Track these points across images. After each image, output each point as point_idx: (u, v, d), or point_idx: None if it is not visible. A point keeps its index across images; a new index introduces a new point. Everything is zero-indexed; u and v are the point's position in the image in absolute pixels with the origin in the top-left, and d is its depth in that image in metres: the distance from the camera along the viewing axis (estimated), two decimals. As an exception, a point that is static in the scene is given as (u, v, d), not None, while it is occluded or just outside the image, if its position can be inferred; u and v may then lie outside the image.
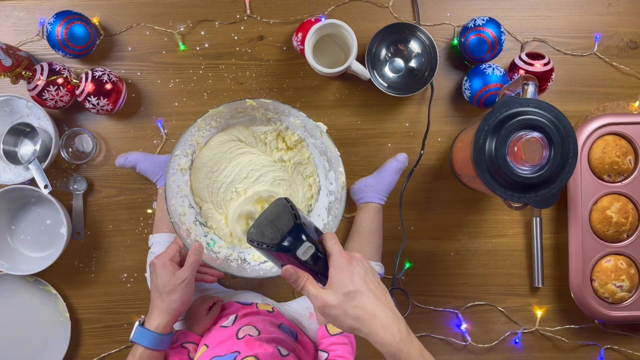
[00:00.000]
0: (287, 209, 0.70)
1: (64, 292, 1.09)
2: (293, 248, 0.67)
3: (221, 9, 1.09)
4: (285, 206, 0.71)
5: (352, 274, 0.66)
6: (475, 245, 1.10)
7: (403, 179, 1.08)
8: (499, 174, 0.82)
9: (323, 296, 0.65)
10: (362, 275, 0.67)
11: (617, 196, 1.05)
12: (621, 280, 1.04)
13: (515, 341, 1.10)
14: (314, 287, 0.67)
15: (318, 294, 0.66)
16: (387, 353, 0.65)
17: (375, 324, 0.65)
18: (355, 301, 0.65)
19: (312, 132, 0.99)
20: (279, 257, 0.69)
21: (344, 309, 0.65)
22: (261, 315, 0.95)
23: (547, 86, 1.03)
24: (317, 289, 0.66)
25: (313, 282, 0.67)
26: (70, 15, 1.02)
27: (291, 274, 0.67)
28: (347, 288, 0.65)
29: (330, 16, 1.08)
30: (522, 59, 1.02)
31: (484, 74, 1.01)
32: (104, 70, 1.02)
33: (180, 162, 0.98)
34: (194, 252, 0.91)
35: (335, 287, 0.66)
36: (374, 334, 0.65)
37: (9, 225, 1.08)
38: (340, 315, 0.65)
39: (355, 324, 0.65)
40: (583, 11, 1.09)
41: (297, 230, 0.68)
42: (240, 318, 0.93)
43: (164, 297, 0.88)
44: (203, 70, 1.09)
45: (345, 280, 0.66)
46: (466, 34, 1.03)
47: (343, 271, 0.66)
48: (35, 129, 1.04)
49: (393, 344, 0.65)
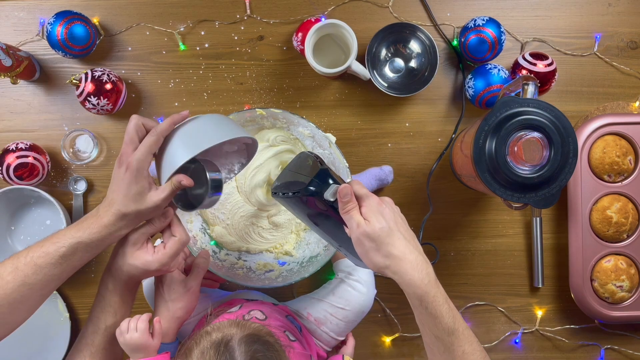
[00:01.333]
0: (311, 158, 0.71)
1: (64, 292, 1.09)
2: (320, 191, 0.68)
3: (221, 9, 1.09)
4: (308, 156, 0.72)
5: (383, 214, 0.68)
6: (475, 245, 1.10)
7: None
8: (499, 174, 0.82)
9: (364, 225, 0.67)
10: (392, 217, 0.69)
11: (617, 196, 1.05)
12: (621, 280, 1.04)
13: (516, 341, 1.10)
14: (359, 215, 0.68)
15: (360, 221, 0.67)
16: (414, 295, 0.66)
17: (405, 263, 0.66)
18: (388, 238, 0.67)
19: (320, 143, 0.98)
20: (306, 203, 0.69)
21: (377, 243, 0.67)
22: (267, 305, 0.95)
23: (550, 86, 1.03)
24: (361, 218, 0.68)
25: (358, 211, 0.68)
26: (70, 15, 1.02)
27: (347, 194, 0.68)
28: (380, 224, 0.67)
29: (330, 16, 1.08)
30: (525, 59, 1.02)
31: (488, 74, 1.01)
32: (103, 70, 1.02)
33: None
34: (201, 260, 0.90)
35: (371, 222, 0.67)
36: (403, 272, 0.66)
37: (8, 226, 1.08)
38: (373, 249, 0.67)
39: (385, 261, 0.67)
40: (583, 11, 1.09)
41: (323, 174, 0.69)
42: (247, 304, 0.93)
43: (169, 305, 0.86)
44: (203, 70, 1.09)
45: (379, 218, 0.67)
46: (466, 34, 1.03)
47: (375, 211, 0.68)
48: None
49: (422, 285, 0.66)
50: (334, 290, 1.02)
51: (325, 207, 0.69)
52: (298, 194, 0.69)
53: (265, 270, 1.00)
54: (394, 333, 1.10)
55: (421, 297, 0.66)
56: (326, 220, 0.75)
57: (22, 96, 1.09)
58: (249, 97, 1.09)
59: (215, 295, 1.03)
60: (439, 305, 0.66)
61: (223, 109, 1.09)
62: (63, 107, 1.09)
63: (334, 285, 1.02)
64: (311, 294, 1.05)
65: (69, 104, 1.09)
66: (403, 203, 1.09)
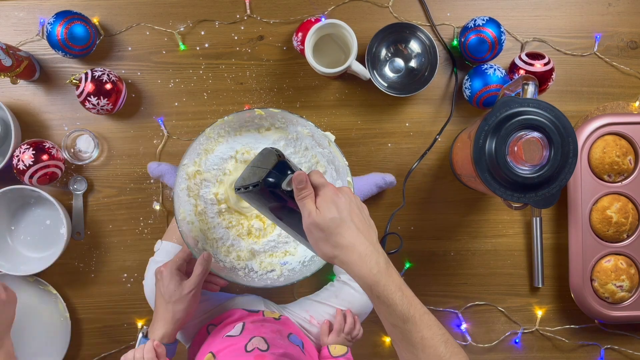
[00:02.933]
0: (272, 152, 0.71)
1: (64, 292, 1.09)
2: (279, 182, 0.68)
3: (221, 9, 1.09)
4: (269, 151, 0.72)
5: (337, 204, 0.67)
6: (475, 245, 1.10)
7: (403, 179, 1.09)
8: (499, 174, 0.82)
9: (314, 215, 0.66)
10: (347, 206, 0.68)
11: (617, 196, 1.05)
12: (621, 280, 1.04)
13: (516, 341, 1.10)
14: (312, 203, 0.67)
15: (312, 209, 0.67)
16: (364, 285, 0.66)
17: (353, 254, 0.65)
18: (338, 229, 0.66)
19: (320, 142, 0.98)
20: (267, 197, 0.69)
21: (326, 233, 0.66)
22: (268, 324, 0.94)
23: (547, 86, 1.03)
24: (313, 206, 0.67)
25: (313, 200, 0.68)
26: (70, 15, 1.02)
27: (301, 180, 0.67)
28: (331, 214, 0.66)
29: (330, 16, 1.08)
30: (522, 59, 1.02)
31: (484, 75, 1.01)
32: (103, 70, 1.02)
33: (189, 171, 0.98)
34: (202, 263, 0.89)
35: (322, 212, 0.66)
36: (351, 263, 0.66)
37: (8, 226, 1.08)
38: (322, 239, 0.67)
39: (333, 251, 0.66)
40: (583, 11, 1.09)
41: (281, 165, 0.69)
42: (248, 326, 0.91)
43: (170, 307, 0.87)
44: (203, 70, 1.09)
45: (331, 208, 0.66)
46: (466, 33, 1.03)
47: (328, 201, 0.67)
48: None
49: (369, 275, 0.65)
50: (336, 292, 1.01)
51: (286, 199, 0.69)
52: (257, 187, 0.68)
53: (267, 271, 1.00)
54: (394, 333, 1.10)
55: (371, 286, 0.65)
56: (289, 214, 0.75)
57: (22, 96, 1.09)
58: (249, 97, 1.09)
59: (216, 298, 1.03)
60: (391, 293, 0.64)
61: (223, 109, 1.09)
62: (63, 107, 1.09)
63: (336, 287, 1.02)
64: (312, 296, 1.04)
65: (69, 104, 1.09)
66: (402, 203, 1.09)
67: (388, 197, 1.09)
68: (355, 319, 0.98)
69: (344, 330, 0.96)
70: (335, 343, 0.95)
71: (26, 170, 1.00)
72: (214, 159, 0.99)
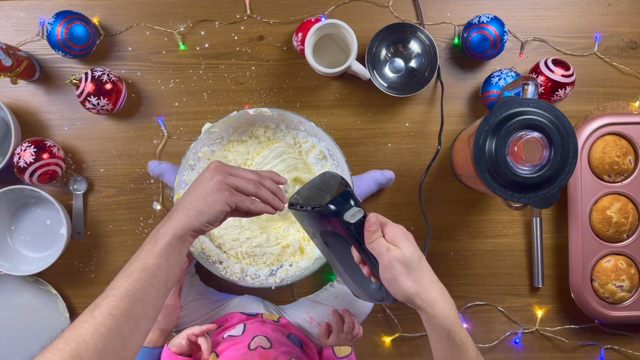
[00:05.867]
0: (337, 178, 0.70)
1: (64, 292, 1.09)
2: (341, 211, 0.66)
3: (221, 9, 1.09)
4: (333, 176, 0.71)
5: (409, 240, 0.67)
6: (475, 245, 1.10)
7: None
8: (499, 174, 0.82)
9: (394, 250, 0.65)
10: (415, 243, 0.67)
11: (617, 196, 1.05)
12: (621, 280, 1.04)
13: (516, 341, 1.11)
14: (385, 241, 0.66)
15: (389, 246, 0.66)
16: (442, 325, 0.64)
17: (435, 291, 0.64)
18: (418, 264, 0.65)
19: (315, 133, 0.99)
20: (321, 221, 0.68)
21: (408, 269, 0.65)
22: (269, 324, 0.94)
23: (558, 96, 1.01)
24: (388, 243, 0.66)
25: (382, 237, 0.67)
26: (70, 15, 1.02)
27: (374, 222, 0.66)
28: (409, 250, 0.65)
29: (330, 16, 1.08)
30: (547, 65, 1.01)
31: (489, 84, 1.01)
32: (103, 70, 1.02)
33: (190, 173, 0.98)
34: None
35: (401, 248, 0.65)
36: (433, 301, 0.64)
37: (8, 226, 1.08)
38: (404, 273, 0.65)
39: (416, 287, 0.64)
40: (583, 11, 1.09)
41: (346, 194, 0.67)
42: (249, 326, 0.92)
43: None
44: (203, 70, 1.09)
45: (405, 243, 0.66)
46: (469, 30, 1.03)
47: (401, 237, 0.66)
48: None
49: (451, 316, 0.64)
50: (335, 293, 1.01)
51: (343, 228, 0.67)
52: (318, 209, 0.67)
53: (267, 272, 1.00)
54: (394, 333, 1.10)
55: (450, 328, 0.63)
56: (338, 243, 0.74)
57: (22, 96, 1.09)
58: (249, 97, 1.09)
59: (213, 299, 1.03)
60: (466, 337, 0.64)
61: (223, 109, 1.09)
62: (63, 107, 1.09)
63: (336, 288, 1.02)
64: (312, 297, 1.04)
65: (69, 104, 1.08)
66: (402, 203, 1.09)
67: (388, 197, 1.09)
68: (353, 319, 0.98)
69: (344, 330, 0.96)
70: (337, 344, 0.95)
71: (27, 168, 1.00)
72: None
